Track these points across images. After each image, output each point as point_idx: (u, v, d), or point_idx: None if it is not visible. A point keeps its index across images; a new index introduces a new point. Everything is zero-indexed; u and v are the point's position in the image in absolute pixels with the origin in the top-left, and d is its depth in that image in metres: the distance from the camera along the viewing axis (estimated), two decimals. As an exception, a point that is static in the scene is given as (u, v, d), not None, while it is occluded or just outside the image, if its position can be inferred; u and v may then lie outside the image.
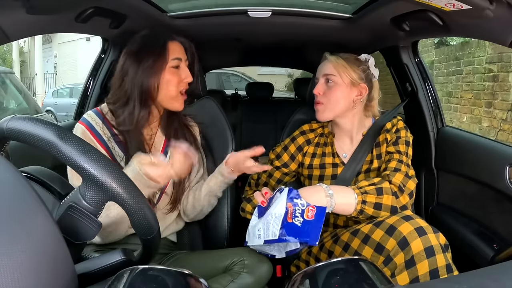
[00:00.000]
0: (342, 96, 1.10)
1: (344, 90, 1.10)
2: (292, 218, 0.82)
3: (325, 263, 0.48)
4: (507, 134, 3.54)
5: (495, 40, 0.93)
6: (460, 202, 1.32)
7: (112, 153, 0.98)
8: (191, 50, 1.06)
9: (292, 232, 0.80)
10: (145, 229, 0.54)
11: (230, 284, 0.93)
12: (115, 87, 1.00)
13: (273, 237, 0.82)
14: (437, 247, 0.80)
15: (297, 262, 1.12)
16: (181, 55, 1.01)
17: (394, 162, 1.04)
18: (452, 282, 0.42)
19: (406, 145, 1.10)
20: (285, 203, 0.83)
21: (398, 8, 1.07)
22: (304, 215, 0.83)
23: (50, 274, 0.38)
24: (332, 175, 1.13)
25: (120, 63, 1.00)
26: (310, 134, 1.21)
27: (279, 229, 0.81)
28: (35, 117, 0.49)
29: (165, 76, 0.98)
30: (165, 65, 0.97)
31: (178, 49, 1.01)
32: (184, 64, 1.01)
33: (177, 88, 0.99)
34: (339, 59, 1.11)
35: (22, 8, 0.83)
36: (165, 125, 1.08)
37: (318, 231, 0.82)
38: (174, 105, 1.01)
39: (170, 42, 1.00)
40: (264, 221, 0.84)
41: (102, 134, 0.98)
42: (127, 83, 0.97)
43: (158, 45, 0.98)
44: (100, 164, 0.48)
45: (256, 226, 0.87)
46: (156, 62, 0.96)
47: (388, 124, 1.15)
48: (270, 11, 1.31)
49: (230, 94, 3.24)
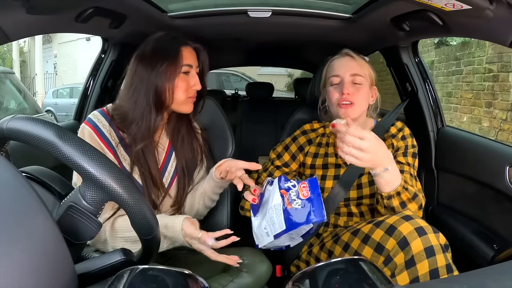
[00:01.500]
0: (366, 98, 1.10)
1: (367, 91, 1.11)
2: (290, 204, 0.81)
3: (325, 263, 0.48)
4: (507, 134, 3.54)
5: (495, 40, 0.93)
6: (460, 202, 1.32)
7: (119, 156, 0.97)
8: (204, 57, 1.04)
9: (297, 216, 0.79)
10: (145, 229, 0.54)
11: (229, 283, 0.93)
12: (126, 91, 0.97)
13: (281, 229, 0.81)
14: (437, 247, 0.80)
15: (297, 262, 1.12)
16: (193, 61, 0.99)
17: (408, 176, 1.05)
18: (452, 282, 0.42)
19: (413, 157, 1.11)
20: (278, 192, 0.83)
21: (398, 8, 1.07)
22: (300, 195, 0.82)
23: (50, 274, 0.38)
24: (334, 176, 1.12)
25: (132, 67, 0.97)
26: (312, 134, 1.21)
27: (283, 219, 0.80)
28: (35, 117, 0.49)
29: (176, 82, 0.96)
30: (179, 70, 0.95)
31: (190, 56, 0.99)
32: (194, 71, 0.99)
33: (185, 94, 0.98)
34: (361, 59, 1.11)
35: (22, 8, 0.83)
36: (171, 128, 1.06)
37: (320, 205, 0.80)
38: (183, 108, 1.00)
39: (183, 48, 0.97)
40: (267, 217, 0.83)
41: (110, 137, 0.96)
42: (140, 87, 0.94)
43: (172, 49, 0.96)
44: (100, 164, 0.48)
45: (261, 225, 0.86)
46: (169, 67, 0.94)
47: (393, 128, 1.15)
48: (270, 11, 1.31)
49: (230, 94, 3.24)
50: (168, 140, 1.07)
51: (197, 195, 1.05)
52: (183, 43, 0.98)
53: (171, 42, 0.98)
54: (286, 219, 0.80)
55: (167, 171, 1.05)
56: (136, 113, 0.94)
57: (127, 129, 0.96)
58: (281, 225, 0.81)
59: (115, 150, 0.96)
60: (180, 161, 1.06)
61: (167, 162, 1.06)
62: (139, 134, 0.95)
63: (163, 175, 1.04)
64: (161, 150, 1.05)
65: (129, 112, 0.95)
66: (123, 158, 0.97)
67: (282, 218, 0.80)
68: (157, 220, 0.56)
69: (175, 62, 0.95)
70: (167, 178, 1.05)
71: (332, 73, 1.12)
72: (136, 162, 0.96)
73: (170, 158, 1.06)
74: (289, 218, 0.80)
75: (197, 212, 1.09)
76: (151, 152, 0.98)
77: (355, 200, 1.10)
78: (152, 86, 0.94)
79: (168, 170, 1.05)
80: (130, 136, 0.96)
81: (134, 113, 0.94)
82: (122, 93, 0.99)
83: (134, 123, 0.95)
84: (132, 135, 0.95)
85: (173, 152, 1.07)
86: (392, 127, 1.15)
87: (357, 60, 1.10)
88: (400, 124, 1.17)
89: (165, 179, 1.04)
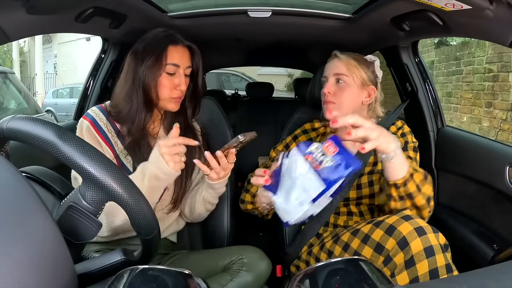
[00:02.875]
0: (353, 97, 1.10)
1: (355, 91, 1.10)
2: (319, 165, 0.78)
3: (325, 263, 0.48)
4: (507, 134, 3.54)
5: (495, 40, 0.93)
6: (460, 202, 1.32)
7: (115, 149, 0.98)
8: (198, 58, 1.03)
9: (333, 172, 0.77)
10: (145, 229, 0.54)
11: (229, 283, 0.92)
12: (119, 85, 1.01)
13: (321, 189, 0.77)
14: (437, 247, 0.80)
15: (297, 262, 1.12)
16: (181, 61, 0.98)
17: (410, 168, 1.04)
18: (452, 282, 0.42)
19: (414, 151, 1.11)
20: (302, 158, 0.79)
21: (398, 8, 1.07)
22: (328, 154, 0.78)
23: (50, 274, 0.38)
24: None
25: (127, 61, 1.00)
26: (312, 133, 1.21)
27: (320, 180, 0.77)
28: (35, 117, 0.49)
29: (160, 80, 0.97)
30: (162, 69, 0.96)
31: (179, 55, 0.98)
32: (181, 71, 0.99)
33: (169, 93, 0.98)
34: (350, 59, 1.11)
35: (22, 8, 0.83)
36: (168, 125, 1.08)
37: (350, 154, 0.77)
38: (169, 106, 1.01)
39: (172, 46, 0.98)
40: (297, 186, 0.79)
41: (106, 130, 0.99)
42: (130, 81, 0.97)
43: (158, 47, 0.97)
44: (100, 164, 0.48)
45: (289, 198, 0.81)
46: (154, 65, 0.96)
47: (393, 127, 1.15)
48: (270, 11, 1.31)
49: (230, 94, 3.24)
50: (167, 135, 1.08)
51: (198, 201, 1.05)
52: (173, 42, 0.98)
53: (161, 40, 0.98)
54: (323, 179, 0.77)
55: None
56: (127, 106, 0.98)
57: (122, 122, 0.99)
58: (318, 186, 0.77)
59: (111, 143, 0.98)
60: None
61: None
62: (132, 127, 0.98)
63: None
64: None
65: (122, 106, 0.99)
66: (120, 151, 0.99)
67: (316, 180, 0.77)
68: (157, 220, 0.56)
69: (159, 60, 0.96)
70: None
71: (322, 75, 1.16)
72: (132, 153, 0.98)
73: None
74: (325, 177, 0.76)
75: (199, 216, 1.09)
76: (146, 143, 1.00)
77: (354, 200, 1.10)
78: (140, 81, 0.96)
79: None
80: (126, 128, 0.99)
81: (126, 107, 0.98)
82: (117, 87, 1.02)
83: (127, 116, 0.98)
84: (127, 128, 0.98)
85: None
86: (392, 126, 1.16)
87: (343, 60, 1.11)
88: (400, 123, 1.16)
89: None
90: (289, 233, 1.21)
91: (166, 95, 0.98)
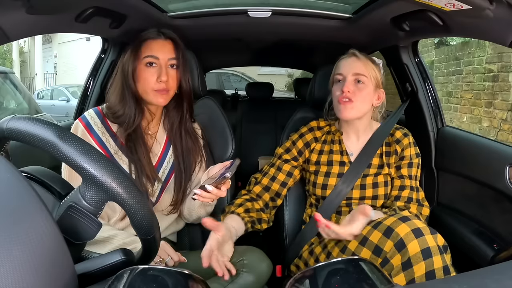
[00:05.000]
0: (368, 99, 1.10)
1: (371, 93, 1.10)
2: None
3: (325, 263, 0.48)
4: (507, 134, 3.54)
5: (495, 40, 0.93)
6: (460, 202, 1.32)
7: (110, 151, 0.99)
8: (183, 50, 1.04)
9: None
10: (145, 229, 0.54)
11: (229, 284, 0.92)
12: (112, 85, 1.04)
13: None
14: (434, 248, 0.80)
15: (297, 262, 1.12)
16: (160, 53, 1.00)
17: (407, 191, 1.07)
18: (452, 282, 0.42)
19: (417, 167, 1.13)
20: None
21: (398, 8, 1.07)
22: None
23: (50, 274, 0.38)
24: (338, 173, 1.13)
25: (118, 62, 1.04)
26: (318, 132, 1.21)
27: None
28: (35, 117, 0.49)
29: (139, 72, 0.99)
30: (139, 60, 0.99)
31: (158, 47, 1.00)
32: (162, 62, 1.00)
33: (152, 86, 0.99)
34: (368, 60, 1.11)
35: (22, 8, 0.83)
36: (166, 123, 1.09)
37: None
38: (154, 100, 1.01)
39: (150, 40, 1.01)
40: None
41: (100, 134, 1.00)
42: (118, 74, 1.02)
43: (138, 39, 1.01)
44: (100, 164, 0.48)
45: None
46: (131, 56, 0.99)
47: (398, 133, 1.15)
48: (270, 11, 1.31)
49: (230, 94, 3.23)
50: (166, 135, 1.08)
51: (196, 204, 1.05)
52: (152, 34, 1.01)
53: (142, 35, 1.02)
54: None
55: (163, 166, 1.07)
56: (117, 100, 1.00)
57: (119, 122, 1.00)
58: None
59: (105, 146, 0.99)
60: (177, 158, 1.07)
61: (163, 158, 1.07)
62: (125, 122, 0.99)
63: (159, 169, 1.06)
64: (157, 144, 1.07)
65: (116, 106, 1.00)
66: (114, 152, 1.00)
67: None
68: (157, 220, 0.56)
69: (137, 52, 0.99)
70: (163, 173, 1.06)
71: (336, 72, 1.14)
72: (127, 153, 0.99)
73: (167, 154, 1.08)
74: None
75: (198, 218, 1.09)
76: (140, 138, 1.01)
77: (357, 200, 1.10)
78: (124, 76, 1.00)
79: (164, 165, 1.07)
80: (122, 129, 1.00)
81: (120, 105, 1.00)
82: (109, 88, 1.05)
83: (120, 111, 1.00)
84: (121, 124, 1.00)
85: (170, 148, 1.08)
86: (397, 131, 1.16)
87: (362, 60, 1.10)
88: (406, 130, 1.17)
89: (161, 174, 1.06)
90: (289, 233, 1.21)
91: (148, 88, 0.99)
